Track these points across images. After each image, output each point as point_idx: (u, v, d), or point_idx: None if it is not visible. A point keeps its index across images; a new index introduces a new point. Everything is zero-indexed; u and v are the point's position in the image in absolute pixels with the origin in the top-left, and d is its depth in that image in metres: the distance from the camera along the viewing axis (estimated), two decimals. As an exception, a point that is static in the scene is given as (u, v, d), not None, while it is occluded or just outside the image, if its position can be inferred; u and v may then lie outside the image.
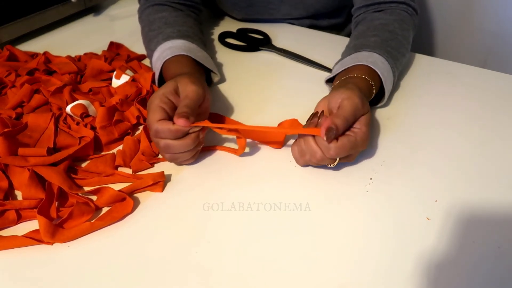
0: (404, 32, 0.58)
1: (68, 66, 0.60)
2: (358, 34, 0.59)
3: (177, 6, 0.64)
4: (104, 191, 0.40)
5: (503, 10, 0.85)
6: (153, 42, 0.57)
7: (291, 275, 0.34)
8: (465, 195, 0.42)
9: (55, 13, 0.76)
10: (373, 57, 0.52)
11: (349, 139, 0.41)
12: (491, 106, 0.55)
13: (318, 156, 0.42)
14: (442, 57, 0.71)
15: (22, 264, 0.35)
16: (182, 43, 0.55)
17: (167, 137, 0.42)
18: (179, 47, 0.54)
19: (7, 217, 0.39)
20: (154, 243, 0.37)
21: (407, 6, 0.61)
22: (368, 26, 0.59)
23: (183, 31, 0.58)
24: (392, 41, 0.56)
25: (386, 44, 0.55)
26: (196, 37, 0.59)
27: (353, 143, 0.41)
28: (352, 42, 0.59)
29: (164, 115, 0.42)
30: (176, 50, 0.53)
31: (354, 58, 0.53)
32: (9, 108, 0.51)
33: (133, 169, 0.44)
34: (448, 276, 0.34)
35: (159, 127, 0.42)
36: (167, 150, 0.43)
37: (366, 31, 0.58)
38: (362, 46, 0.55)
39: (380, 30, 0.57)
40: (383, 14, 0.60)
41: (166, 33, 0.57)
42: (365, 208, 0.41)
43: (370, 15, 0.62)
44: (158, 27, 0.59)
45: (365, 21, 0.61)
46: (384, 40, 0.55)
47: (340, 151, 0.41)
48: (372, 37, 0.56)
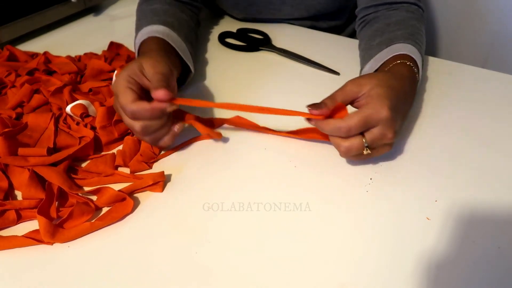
0: (422, 28, 0.58)
1: (68, 66, 0.60)
2: (378, 31, 0.58)
3: (173, 2, 0.64)
4: (104, 191, 0.40)
5: (503, 10, 0.85)
6: (139, 29, 0.57)
7: (291, 275, 0.34)
8: (465, 195, 0.42)
9: (55, 13, 0.76)
10: (408, 48, 0.51)
11: (358, 113, 0.40)
12: (491, 106, 0.55)
13: (342, 146, 0.41)
14: (442, 57, 0.71)
15: (22, 264, 0.35)
16: (162, 29, 0.54)
17: (144, 117, 0.40)
18: (157, 31, 0.53)
19: (7, 217, 0.39)
20: (154, 243, 0.37)
21: (417, 7, 0.61)
22: (387, 23, 0.58)
23: (168, 22, 0.57)
24: (417, 35, 0.55)
25: (414, 37, 0.54)
26: (181, 30, 0.58)
27: (363, 117, 0.39)
28: (375, 39, 0.57)
29: (135, 95, 0.40)
30: (153, 33, 0.52)
31: (389, 51, 0.51)
32: (9, 108, 0.51)
33: (131, 170, 0.44)
34: (448, 276, 0.34)
35: (134, 108, 0.40)
36: (146, 132, 0.41)
37: (387, 27, 0.57)
38: (392, 39, 0.53)
39: (402, 25, 0.56)
40: (399, 12, 0.60)
41: (150, 20, 0.57)
42: (365, 208, 0.41)
43: (384, 14, 0.60)
44: (145, 16, 0.59)
45: (379, 19, 0.60)
46: (411, 33, 0.54)
47: (344, 124, 0.39)
48: (398, 31, 0.55)
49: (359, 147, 0.41)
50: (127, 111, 0.41)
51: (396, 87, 0.43)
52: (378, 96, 0.41)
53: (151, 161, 0.46)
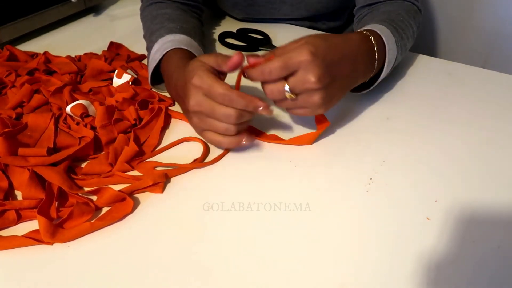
0: (410, 20, 0.57)
1: (68, 66, 0.60)
2: (365, 22, 0.58)
3: (179, 6, 0.64)
4: (104, 191, 0.40)
5: (503, 10, 0.85)
6: (155, 34, 0.57)
7: (291, 275, 0.34)
8: (465, 195, 0.42)
9: (55, 13, 0.76)
10: (377, 26, 0.51)
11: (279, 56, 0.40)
12: (491, 106, 0.55)
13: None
14: (442, 57, 0.71)
15: (22, 264, 0.35)
16: (184, 38, 0.55)
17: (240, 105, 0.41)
18: (180, 41, 0.54)
19: (7, 217, 0.39)
20: (154, 243, 0.37)
21: (411, 3, 0.61)
22: (373, 15, 0.59)
23: (185, 28, 0.58)
24: (398, 21, 0.55)
25: (392, 22, 0.53)
26: (198, 37, 0.59)
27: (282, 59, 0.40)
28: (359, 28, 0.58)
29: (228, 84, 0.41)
30: (178, 44, 0.53)
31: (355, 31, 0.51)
32: (9, 108, 0.51)
33: (117, 169, 0.44)
34: (448, 276, 0.34)
35: (234, 95, 0.41)
36: (241, 119, 0.42)
37: (372, 18, 0.58)
38: (369, 22, 0.53)
39: (386, 14, 0.56)
40: (389, 5, 0.60)
41: (169, 27, 0.57)
42: (365, 208, 0.41)
43: (375, 8, 0.61)
44: (160, 21, 0.59)
45: (370, 14, 0.61)
46: (390, 19, 0.54)
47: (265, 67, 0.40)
48: (377, 18, 0.55)
49: (280, 89, 0.42)
50: (228, 97, 0.41)
51: (332, 41, 0.43)
52: (303, 42, 0.41)
53: (136, 163, 0.45)
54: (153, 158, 0.47)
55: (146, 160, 0.46)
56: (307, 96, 0.42)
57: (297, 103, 0.43)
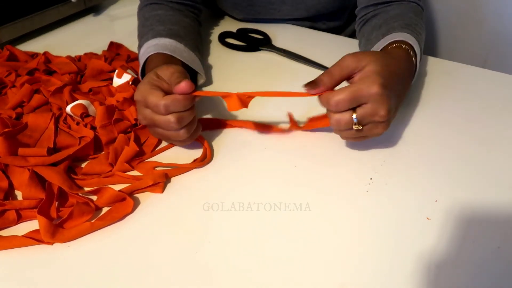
0: (421, 22, 0.58)
1: (68, 66, 0.60)
2: (376, 26, 0.58)
3: (175, 6, 0.64)
4: (104, 191, 0.40)
5: (503, 10, 0.85)
6: (143, 38, 0.57)
7: (291, 275, 0.34)
8: (465, 195, 0.42)
9: (55, 13, 0.76)
10: (404, 35, 0.51)
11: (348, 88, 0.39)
12: (491, 106, 0.55)
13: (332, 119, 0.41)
14: (442, 57, 0.71)
15: (22, 264, 0.35)
16: (169, 42, 0.55)
17: (178, 108, 0.41)
18: (164, 45, 0.54)
19: (7, 217, 0.39)
20: (154, 243, 0.37)
21: (416, 4, 0.61)
22: (385, 18, 0.58)
23: (174, 30, 0.57)
24: (414, 25, 0.55)
25: (411, 27, 0.54)
26: (188, 37, 0.59)
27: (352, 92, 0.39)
28: (373, 34, 0.57)
29: (162, 92, 0.42)
30: (160, 48, 0.53)
31: (385, 40, 0.51)
32: (9, 108, 0.51)
33: (117, 169, 0.44)
34: (448, 276, 0.34)
35: (168, 101, 0.41)
36: (182, 122, 0.42)
37: (384, 21, 0.57)
38: (389, 30, 0.53)
39: (399, 18, 0.56)
40: (397, 7, 0.60)
41: (156, 30, 0.57)
42: (365, 208, 0.41)
43: (382, 10, 0.61)
44: (150, 24, 0.59)
45: (377, 16, 0.61)
46: (407, 24, 0.54)
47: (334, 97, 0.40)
48: (395, 23, 0.55)
49: (348, 121, 0.41)
50: (160, 106, 0.41)
51: (391, 66, 0.43)
52: (371, 72, 0.40)
53: (136, 163, 0.45)
54: (153, 158, 0.47)
55: (146, 160, 0.46)
56: (373, 127, 0.42)
57: (361, 133, 0.42)
